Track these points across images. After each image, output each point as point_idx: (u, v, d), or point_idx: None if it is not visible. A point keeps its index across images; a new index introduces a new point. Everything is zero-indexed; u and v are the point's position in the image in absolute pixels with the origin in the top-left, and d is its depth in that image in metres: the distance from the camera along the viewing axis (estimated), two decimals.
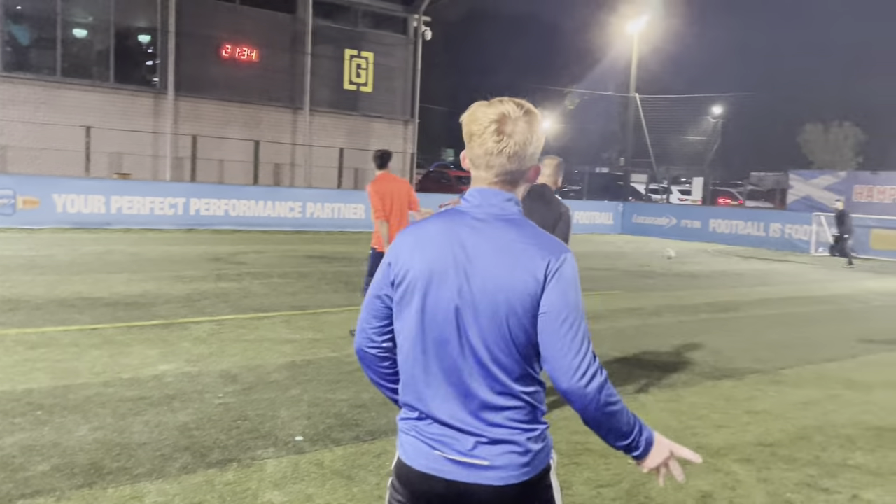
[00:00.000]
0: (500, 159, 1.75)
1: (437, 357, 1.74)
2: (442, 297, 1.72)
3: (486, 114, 1.77)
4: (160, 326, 7.27)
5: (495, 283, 1.70)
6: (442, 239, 1.75)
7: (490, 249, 1.72)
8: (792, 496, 3.97)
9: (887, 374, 6.87)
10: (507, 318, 1.70)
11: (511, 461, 1.72)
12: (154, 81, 22.94)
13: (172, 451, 4.13)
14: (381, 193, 6.98)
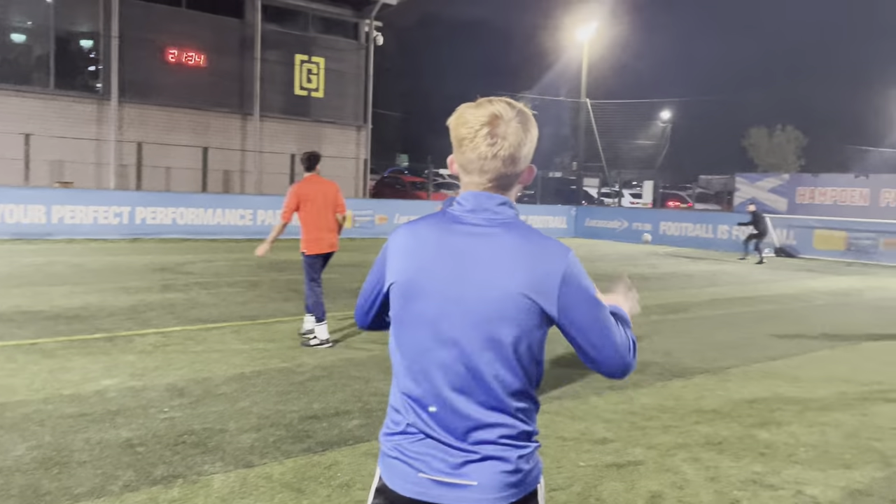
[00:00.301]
0: (495, 163, 1.66)
1: (430, 369, 1.66)
2: (440, 309, 1.64)
3: (475, 116, 1.67)
4: (103, 340, 7.05)
5: (496, 293, 1.61)
6: (438, 247, 1.66)
7: (488, 257, 1.63)
8: (738, 494, 4.04)
9: (829, 371, 7.06)
10: (509, 330, 1.62)
11: (500, 481, 1.63)
12: (97, 87, 22.37)
13: (114, 469, 4.00)
14: (299, 195, 7.05)
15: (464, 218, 1.68)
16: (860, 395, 6.19)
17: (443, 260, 1.65)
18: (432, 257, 1.66)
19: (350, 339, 7.57)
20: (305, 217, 7.09)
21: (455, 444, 1.64)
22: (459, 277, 1.63)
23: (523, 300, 1.61)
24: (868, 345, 8.48)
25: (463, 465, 1.63)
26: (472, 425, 1.64)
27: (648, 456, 4.54)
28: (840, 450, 4.81)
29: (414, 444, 1.67)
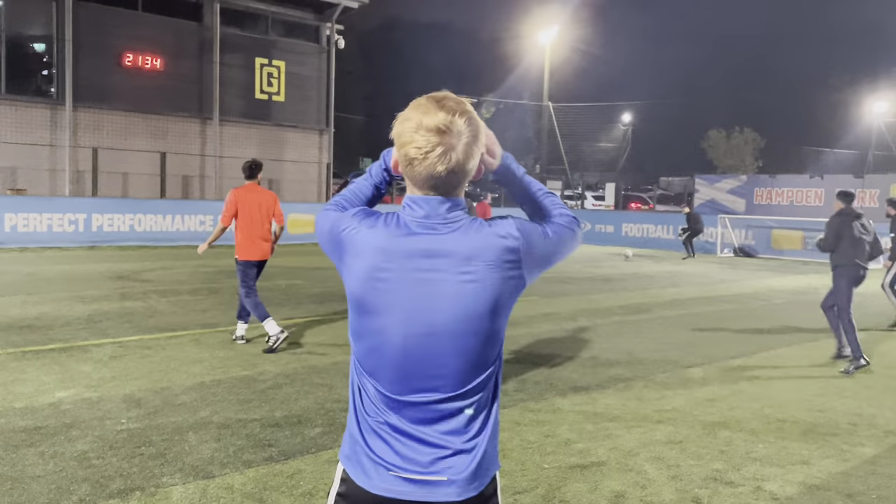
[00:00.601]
0: (447, 177, 1.63)
1: (397, 367, 1.66)
2: (405, 309, 1.64)
3: (426, 138, 1.61)
4: (58, 350, 6.87)
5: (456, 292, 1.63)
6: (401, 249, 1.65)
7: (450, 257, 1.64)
8: (699, 492, 4.09)
9: (787, 369, 7.21)
10: (478, 324, 1.64)
11: (467, 473, 1.65)
12: (50, 92, 21.85)
13: (70, 483, 3.89)
14: (237, 201, 7.20)
15: (420, 221, 1.67)
16: (817, 392, 6.32)
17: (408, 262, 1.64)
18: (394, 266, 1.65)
19: (313, 346, 7.50)
20: (241, 224, 7.24)
21: (424, 439, 1.65)
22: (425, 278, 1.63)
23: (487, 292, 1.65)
24: (825, 342, 8.67)
25: (432, 463, 1.65)
26: (440, 420, 1.66)
27: (611, 456, 4.57)
28: (798, 446, 4.90)
29: (383, 443, 1.68)
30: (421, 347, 1.64)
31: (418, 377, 1.66)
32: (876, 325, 10.10)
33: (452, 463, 1.65)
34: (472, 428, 1.68)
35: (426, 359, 1.65)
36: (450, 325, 1.63)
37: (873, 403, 6.00)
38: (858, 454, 4.78)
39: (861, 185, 22.18)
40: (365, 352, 1.71)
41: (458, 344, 1.64)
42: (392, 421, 1.67)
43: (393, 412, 1.68)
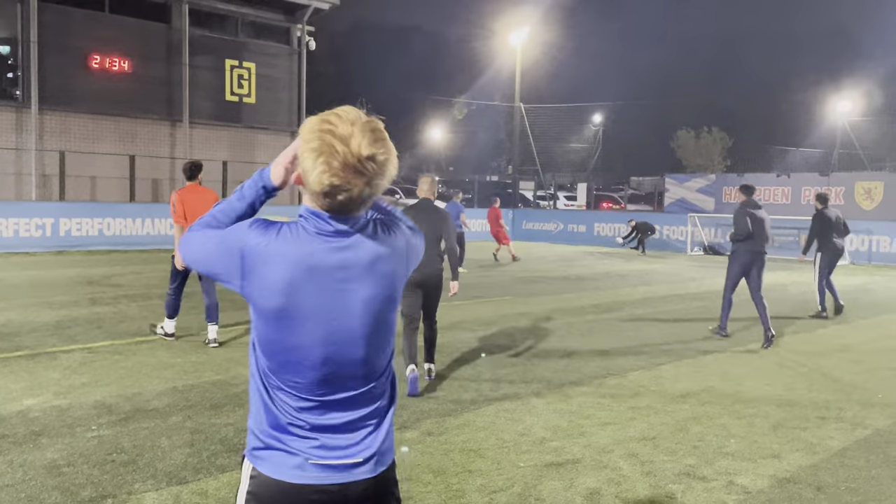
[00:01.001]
0: (350, 205, 1.68)
1: (317, 372, 1.72)
2: (323, 318, 1.70)
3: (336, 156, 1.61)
4: (25, 357, 6.75)
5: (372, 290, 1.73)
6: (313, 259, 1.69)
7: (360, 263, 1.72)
8: (673, 487, 4.14)
9: (756, 364, 7.32)
10: (384, 316, 1.76)
11: (376, 450, 1.78)
12: (16, 95, 21.45)
13: (39, 492, 3.83)
14: (183, 202, 7.34)
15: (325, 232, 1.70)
16: (786, 387, 6.43)
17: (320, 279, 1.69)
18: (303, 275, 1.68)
19: None
20: (184, 223, 7.36)
21: (342, 429, 1.75)
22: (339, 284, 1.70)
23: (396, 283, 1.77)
24: (792, 338, 8.83)
25: (350, 446, 1.75)
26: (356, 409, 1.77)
27: (586, 453, 4.61)
28: (768, 440, 4.99)
29: (298, 436, 1.74)
30: (340, 352, 1.72)
31: (337, 378, 1.74)
32: (844, 318, 10.31)
33: (366, 444, 1.77)
34: (380, 410, 1.82)
35: (345, 363, 1.74)
36: (365, 328, 1.73)
37: (841, 397, 6.13)
38: (827, 447, 4.87)
39: (827, 183, 22.60)
40: (281, 362, 1.73)
41: (370, 342, 1.75)
42: (309, 418, 1.74)
43: (309, 410, 1.74)
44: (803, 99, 52.22)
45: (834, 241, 10.62)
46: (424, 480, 4.11)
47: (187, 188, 7.48)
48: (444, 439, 4.80)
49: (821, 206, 10.81)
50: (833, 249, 10.65)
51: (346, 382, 1.75)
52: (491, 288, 12.85)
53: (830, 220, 10.61)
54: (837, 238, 10.66)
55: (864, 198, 21.76)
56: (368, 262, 1.72)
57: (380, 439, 1.80)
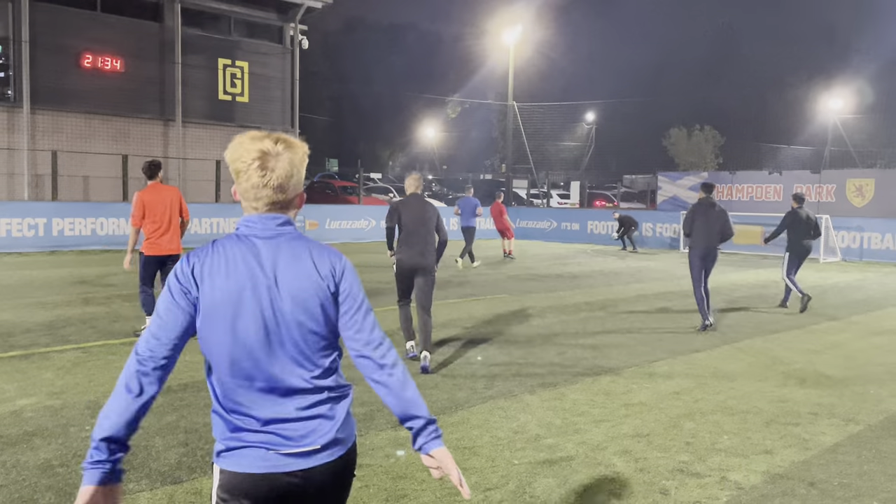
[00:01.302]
0: (266, 191, 1.92)
1: (253, 364, 1.89)
2: (253, 311, 1.88)
3: (248, 151, 1.91)
4: (18, 358, 6.73)
5: (299, 288, 1.92)
6: (241, 260, 1.91)
7: (286, 262, 1.93)
8: (667, 483, 4.16)
9: (749, 361, 7.36)
10: (312, 313, 1.92)
11: (332, 436, 1.94)
12: (7, 94, 21.34)
13: (33, 493, 3.82)
14: (145, 202, 7.57)
15: (256, 234, 1.94)
16: (779, 383, 6.47)
17: (250, 269, 1.90)
18: (241, 269, 1.90)
19: None
20: (148, 222, 7.62)
21: (291, 418, 1.91)
22: (268, 282, 1.90)
23: (324, 288, 1.95)
24: (785, 334, 8.88)
25: (305, 436, 1.91)
26: (301, 399, 1.92)
27: (580, 450, 4.63)
28: (761, 436, 5.02)
29: (255, 432, 1.89)
30: (281, 349, 1.91)
31: (282, 373, 1.91)
32: (833, 315, 10.37)
33: (321, 432, 1.92)
34: (330, 399, 1.97)
35: (286, 359, 1.91)
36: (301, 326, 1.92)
37: (833, 393, 6.16)
38: (819, 443, 4.90)
39: (818, 181, 22.70)
40: (229, 364, 1.90)
41: (307, 338, 1.93)
42: (263, 414, 1.90)
43: (263, 405, 1.90)
44: (795, 97, 52.42)
45: (802, 241, 10.93)
46: (419, 478, 4.12)
47: (149, 188, 7.70)
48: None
49: (796, 204, 11.13)
50: (800, 248, 10.95)
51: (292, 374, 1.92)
52: (485, 286, 12.87)
53: (801, 219, 10.93)
54: (807, 238, 10.96)
55: (856, 195, 21.87)
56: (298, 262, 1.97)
57: (332, 427, 1.95)
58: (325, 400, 1.95)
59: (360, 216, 23.77)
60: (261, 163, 1.89)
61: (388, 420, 5.13)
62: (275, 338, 1.90)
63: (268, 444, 1.88)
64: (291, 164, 1.93)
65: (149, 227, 7.57)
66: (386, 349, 2.02)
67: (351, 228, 23.59)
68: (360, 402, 5.55)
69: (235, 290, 1.88)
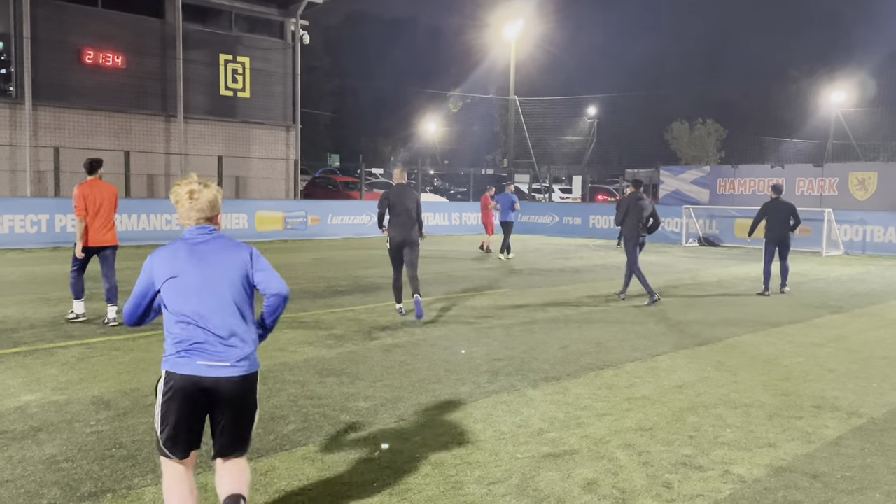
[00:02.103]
0: (194, 213, 3.18)
1: (199, 311, 3.07)
2: (198, 279, 3.08)
3: (182, 190, 3.17)
4: (23, 354, 6.75)
5: (226, 268, 3.14)
6: (188, 252, 3.13)
7: (215, 253, 3.16)
8: (670, 476, 4.17)
9: (751, 354, 7.36)
10: (238, 282, 3.15)
11: (241, 360, 3.10)
12: (9, 91, 21.36)
13: (39, 488, 3.84)
14: (84, 196, 8.01)
15: (194, 239, 3.18)
16: (782, 376, 6.47)
17: (194, 258, 3.12)
18: (187, 258, 3.12)
19: (284, 343, 7.47)
20: (87, 215, 8.04)
21: (218, 345, 3.08)
22: (204, 265, 3.11)
23: (243, 267, 3.18)
24: (788, 328, 8.88)
25: (224, 356, 3.07)
26: (229, 335, 3.09)
27: (583, 444, 4.64)
28: (764, 429, 5.02)
29: (193, 351, 3.06)
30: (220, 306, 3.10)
31: (218, 317, 3.09)
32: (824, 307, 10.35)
33: (234, 354, 3.09)
34: (244, 337, 3.14)
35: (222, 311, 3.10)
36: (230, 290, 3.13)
37: (836, 386, 6.17)
38: (823, 436, 4.91)
39: (821, 174, 22.66)
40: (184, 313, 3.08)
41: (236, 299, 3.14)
42: (200, 339, 3.06)
43: (200, 335, 3.06)
44: (797, 89, 52.26)
45: (777, 230, 11.61)
46: (423, 472, 4.13)
47: (88, 183, 8.13)
48: (442, 431, 4.83)
49: (774, 195, 11.82)
50: (773, 238, 11.73)
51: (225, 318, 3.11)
52: (487, 280, 12.87)
53: (773, 210, 11.69)
54: (781, 228, 11.59)
55: (858, 188, 21.83)
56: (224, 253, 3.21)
57: (242, 355, 3.11)
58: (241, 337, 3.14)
59: (362, 211, 23.75)
60: (189, 196, 3.16)
61: (392, 414, 5.15)
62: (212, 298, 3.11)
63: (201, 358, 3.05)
64: (209, 197, 3.18)
65: (88, 221, 8.05)
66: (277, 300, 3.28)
67: (353, 224, 23.59)
68: (364, 396, 5.57)
69: (185, 270, 3.09)
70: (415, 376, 6.20)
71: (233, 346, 3.07)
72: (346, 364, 6.58)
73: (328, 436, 4.70)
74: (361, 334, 7.95)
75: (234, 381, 3.06)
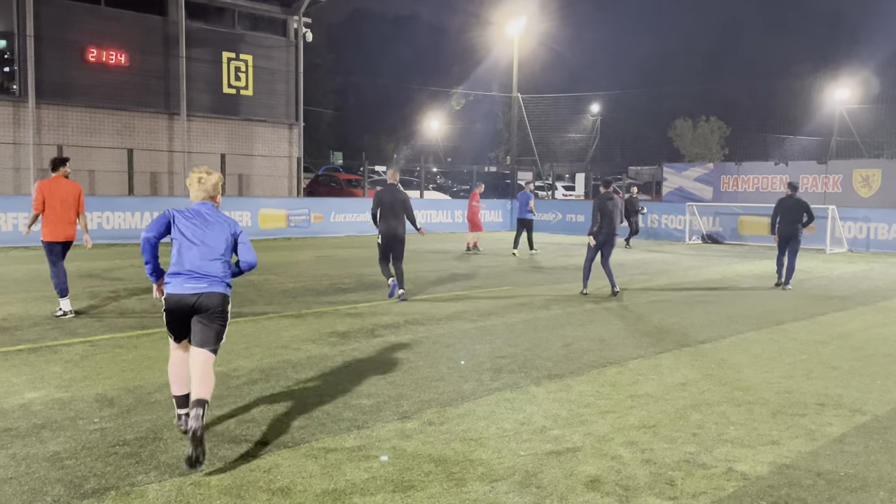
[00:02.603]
0: (201, 193, 4.57)
1: (196, 251, 4.43)
2: (197, 232, 4.45)
3: (194, 176, 4.57)
4: (27, 351, 6.77)
5: (220, 231, 4.50)
6: (197, 217, 4.50)
7: (215, 221, 4.51)
8: (673, 474, 4.16)
9: (755, 352, 7.35)
10: (226, 242, 4.50)
11: (216, 284, 4.42)
12: (13, 89, 21.40)
13: (42, 485, 3.85)
14: (44, 192, 8.31)
15: (202, 210, 4.53)
16: (785, 374, 6.46)
17: (198, 221, 4.48)
18: (195, 220, 4.48)
19: (287, 340, 7.47)
20: (48, 211, 8.31)
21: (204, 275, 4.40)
22: (205, 226, 4.47)
23: (231, 234, 4.54)
24: (791, 325, 8.86)
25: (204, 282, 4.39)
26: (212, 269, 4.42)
27: (586, 442, 4.64)
28: (767, 427, 5.01)
29: (185, 279, 4.38)
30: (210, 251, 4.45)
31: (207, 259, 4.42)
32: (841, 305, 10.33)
33: (211, 281, 4.40)
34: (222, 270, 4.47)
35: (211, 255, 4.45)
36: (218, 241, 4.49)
37: (840, 384, 6.15)
38: (826, 433, 4.90)
39: (825, 171, 22.60)
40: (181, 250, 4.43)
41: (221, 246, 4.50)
42: (189, 268, 4.39)
43: (188, 266, 4.38)
44: (801, 87, 52.11)
45: (787, 226, 12.10)
46: (426, 469, 4.13)
47: (51, 180, 8.42)
48: (445, 429, 4.83)
49: (789, 192, 12.37)
50: (783, 234, 12.19)
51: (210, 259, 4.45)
52: (489, 278, 12.87)
53: (785, 207, 12.21)
54: (791, 225, 12.05)
55: (862, 185, 21.77)
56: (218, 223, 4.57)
57: (218, 282, 4.43)
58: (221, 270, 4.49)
59: (365, 209, 23.72)
60: (198, 181, 4.57)
61: (395, 412, 5.15)
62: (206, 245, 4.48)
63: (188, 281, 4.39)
64: (212, 181, 4.60)
65: (48, 215, 8.31)
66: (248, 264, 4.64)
67: (356, 221, 23.59)
68: (367, 394, 5.57)
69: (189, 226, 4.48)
70: (417, 374, 6.20)
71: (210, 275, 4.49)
72: (348, 361, 6.59)
73: (331, 433, 4.71)
74: (364, 332, 7.95)
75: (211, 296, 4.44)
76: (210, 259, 4.40)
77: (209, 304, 4.36)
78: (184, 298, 4.34)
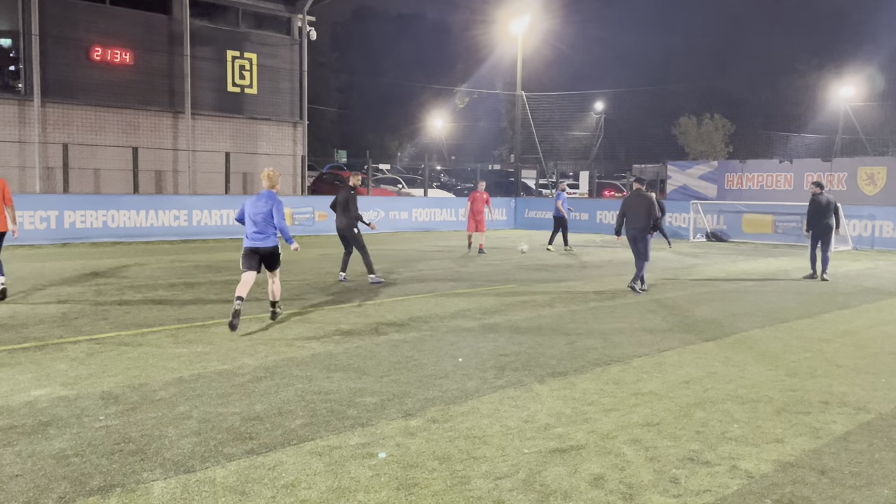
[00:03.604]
0: (268, 182, 8.08)
1: (254, 222, 7.94)
2: (254, 209, 7.94)
3: (263, 174, 8.11)
4: (32, 349, 6.80)
5: (265, 206, 7.97)
6: (266, 196, 8.03)
7: (264, 199, 7.99)
8: (677, 472, 4.16)
9: (759, 350, 7.34)
10: (269, 213, 7.97)
11: (270, 242, 8.00)
12: (18, 87, 21.46)
13: (48, 482, 3.87)
14: None
15: (265, 193, 8.02)
16: (789, 372, 6.45)
17: (257, 201, 7.98)
18: (256, 200, 7.99)
19: (291, 338, 7.49)
20: None
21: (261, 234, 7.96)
22: (257, 202, 7.97)
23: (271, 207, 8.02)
24: (796, 323, 8.85)
25: (262, 239, 7.96)
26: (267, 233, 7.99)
27: (590, 439, 4.64)
28: (771, 425, 5.01)
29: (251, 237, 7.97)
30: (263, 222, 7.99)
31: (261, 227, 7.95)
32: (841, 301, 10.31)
33: (266, 240, 7.99)
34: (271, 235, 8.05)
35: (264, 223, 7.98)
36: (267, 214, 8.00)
37: (844, 382, 6.15)
38: (830, 431, 4.90)
39: (829, 169, 22.54)
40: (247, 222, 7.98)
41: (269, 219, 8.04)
42: (253, 230, 7.95)
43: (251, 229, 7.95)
44: (805, 84, 51.95)
45: (816, 225, 12.94)
46: (430, 467, 4.14)
47: None
48: (448, 426, 4.84)
49: (817, 191, 13.09)
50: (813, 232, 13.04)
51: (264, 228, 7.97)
52: (493, 276, 12.87)
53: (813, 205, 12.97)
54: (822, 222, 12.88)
55: (867, 183, 21.71)
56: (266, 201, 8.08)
57: (270, 240, 7.98)
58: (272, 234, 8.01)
59: (369, 207, 23.76)
60: (268, 176, 8.10)
61: (399, 409, 5.16)
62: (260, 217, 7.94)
63: (253, 239, 7.94)
64: (275, 176, 8.12)
65: None
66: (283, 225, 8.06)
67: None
68: (371, 391, 5.58)
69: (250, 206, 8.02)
70: (422, 371, 6.21)
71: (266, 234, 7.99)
72: (353, 359, 6.60)
73: (335, 431, 4.72)
74: (368, 330, 7.97)
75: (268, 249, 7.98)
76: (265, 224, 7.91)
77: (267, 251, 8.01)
78: (253, 248, 7.92)
